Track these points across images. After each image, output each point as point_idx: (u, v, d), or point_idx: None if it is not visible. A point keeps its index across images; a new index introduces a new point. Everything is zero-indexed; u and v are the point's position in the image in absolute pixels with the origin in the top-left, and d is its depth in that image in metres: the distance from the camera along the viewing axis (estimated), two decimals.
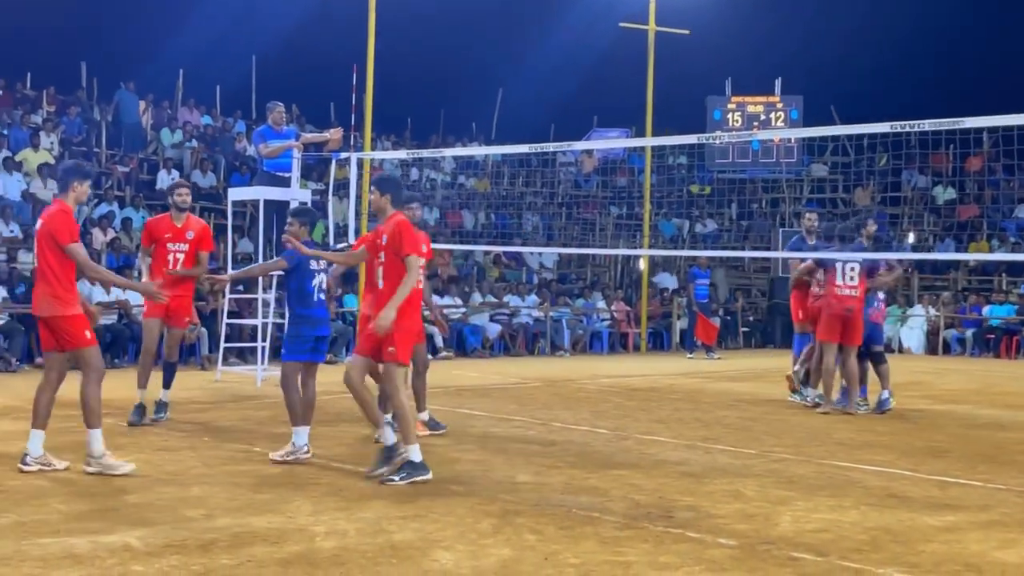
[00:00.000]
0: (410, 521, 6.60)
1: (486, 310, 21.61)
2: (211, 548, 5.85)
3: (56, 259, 7.77)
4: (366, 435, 9.93)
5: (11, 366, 15.24)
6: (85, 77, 25.43)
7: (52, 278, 7.81)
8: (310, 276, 8.67)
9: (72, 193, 7.97)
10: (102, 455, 7.87)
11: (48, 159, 20.89)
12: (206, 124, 25.76)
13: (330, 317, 9.14)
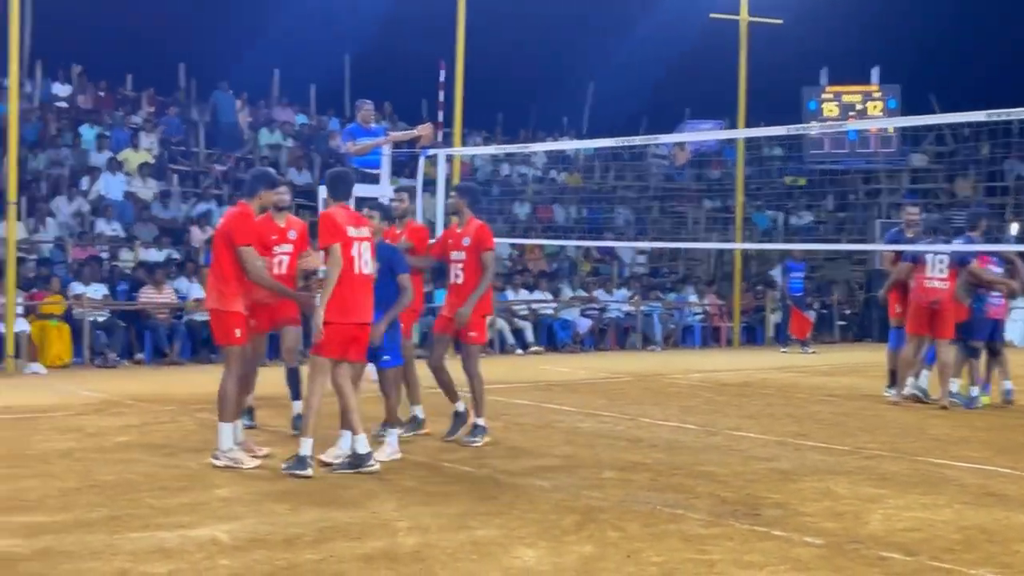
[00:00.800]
0: (493, 517, 6.61)
1: (576, 305, 21.57)
2: (295, 543, 5.92)
3: (228, 257, 8.04)
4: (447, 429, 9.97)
5: (109, 362, 15.62)
6: (183, 78, 25.97)
7: (220, 274, 8.12)
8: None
9: (258, 200, 8.26)
10: (230, 449, 8.07)
11: (148, 159, 21.38)
12: (301, 123, 26.11)
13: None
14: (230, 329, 8.12)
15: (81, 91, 23.51)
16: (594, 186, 28.63)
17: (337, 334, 7.86)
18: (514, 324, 19.98)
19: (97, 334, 15.87)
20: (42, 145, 20.53)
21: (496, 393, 13.01)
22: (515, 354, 19.32)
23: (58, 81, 23.16)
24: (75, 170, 20.26)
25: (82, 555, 5.60)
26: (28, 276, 16.04)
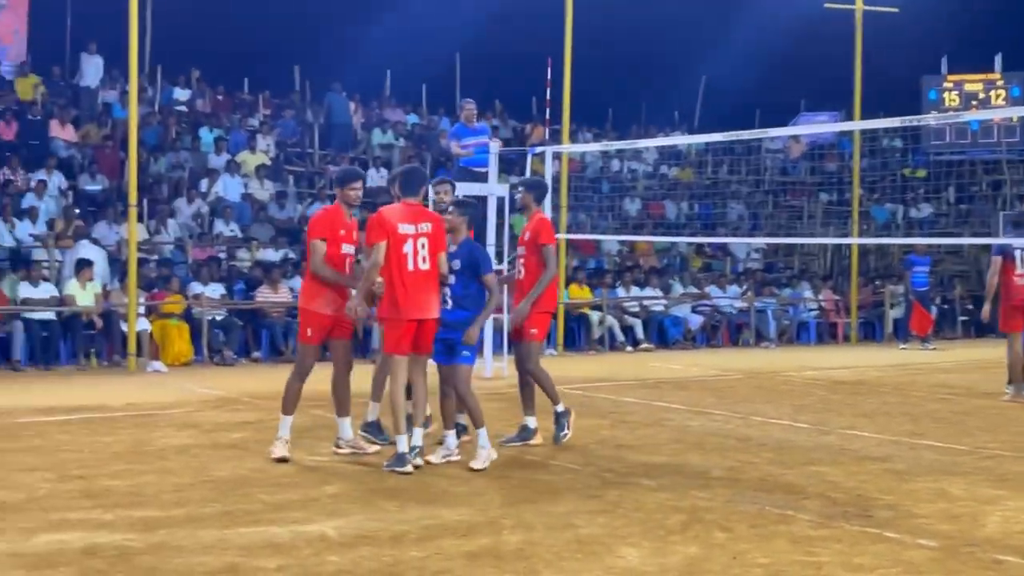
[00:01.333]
0: (597, 516, 6.59)
1: (687, 301, 21.37)
2: (401, 540, 5.99)
3: (309, 255, 8.36)
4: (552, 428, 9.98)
5: (227, 360, 15.99)
6: (298, 80, 26.44)
7: (305, 272, 8.56)
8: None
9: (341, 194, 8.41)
10: (351, 439, 8.44)
11: (265, 161, 21.82)
12: (412, 123, 26.38)
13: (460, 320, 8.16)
14: (303, 327, 8.45)
15: (200, 95, 24.08)
16: (706, 181, 28.31)
17: (395, 330, 7.93)
18: (624, 321, 19.88)
19: (215, 332, 16.27)
20: (162, 148, 21.10)
21: (604, 391, 13.01)
22: (625, 351, 19.22)
23: (178, 86, 23.77)
24: (195, 172, 20.78)
25: (194, 549, 5.74)
26: (149, 276, 16.51)
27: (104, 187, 19.40)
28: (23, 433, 9.34)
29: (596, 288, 20.12)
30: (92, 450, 8.66)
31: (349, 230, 8.39)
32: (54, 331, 15.07)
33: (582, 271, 20.77)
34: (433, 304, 7.99)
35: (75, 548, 5.71)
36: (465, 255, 8.15)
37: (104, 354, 15.41)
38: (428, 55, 25.83)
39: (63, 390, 12.56)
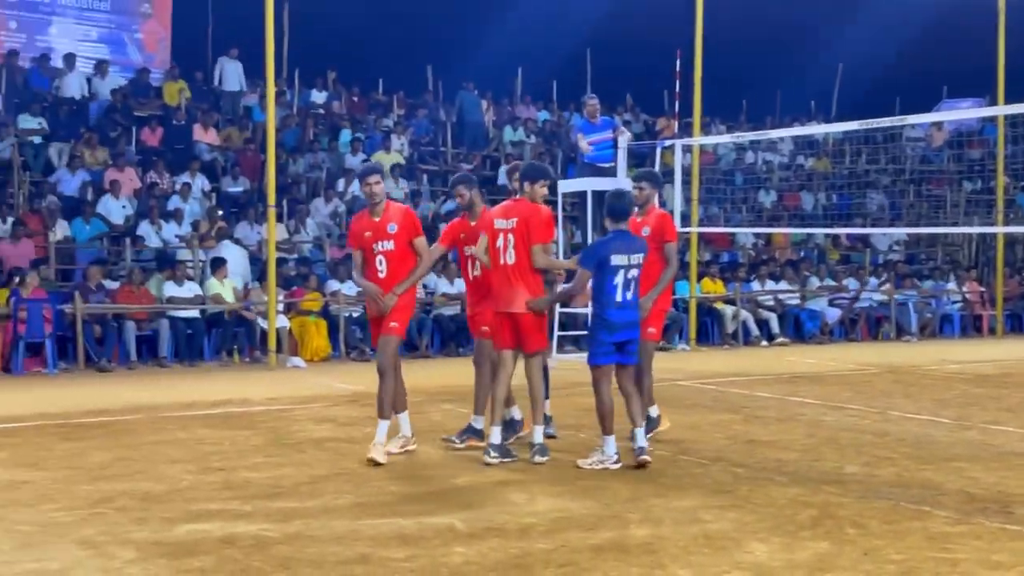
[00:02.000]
0: (727, 511, 6.54)
1: (824, 294, 20.96)
2: (529, 532, 6.04)
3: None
4: (685, 422, 9.93)
5: (364, 355, 16.30)
6: (431, 80, 26.77)
7: None
8: (611, 273, 7.81)
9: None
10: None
11: (399, 160, 22.15)
12: (543, 119, 26.45)
13: (636, 318, 8.01)
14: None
15: (336, 97, 24.58)
16: (844, 171, 27.70)
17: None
18: (758, 315, 19.60)
19: (352, 329, 16.60)
20: (301, 150, 21.60)
21: (737, 386, 12.87)
22: (759, 346, 18.95)
23: (315, 88, 24.31)
24: (332, 173, 21.22)
25: (327, 540, 5.90)
26: (288, 275, 16.95)
27: (245, 188, 19.97)
28: (168, 427, 9.69)
29: (730, 282, 19.89)
30: (232, 443, 8.95)
31: (376, 229, 8.14)
32: (198, 328, 15.60)
33: (715, 265, 20.55)
34: (517, 299, 7.95)
35: (214, 537, 5.92)
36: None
37: (246, 350, 15.89)
38: (558, 51, 25.86)
39: (206, 385, 12.98)
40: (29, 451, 8.57)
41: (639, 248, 7.97)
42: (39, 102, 19.80)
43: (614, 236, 7.92)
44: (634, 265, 7.87)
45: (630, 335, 7.94)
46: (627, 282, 7.84)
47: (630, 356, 7.98)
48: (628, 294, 7.88)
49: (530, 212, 8.01)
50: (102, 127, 19.89)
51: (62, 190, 18.05)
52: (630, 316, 7.93)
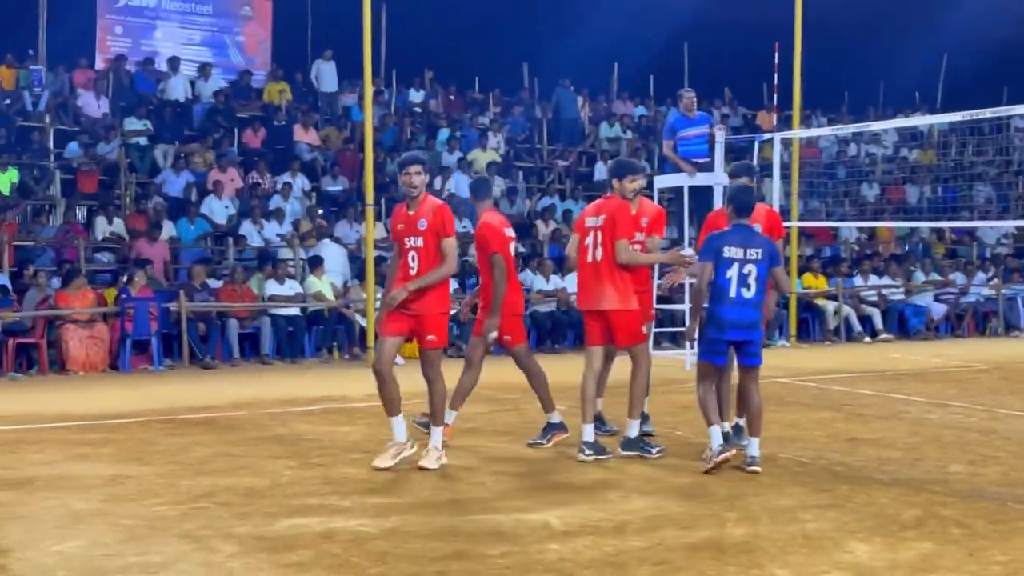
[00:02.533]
0: (826, 510, 6.44)
1: (930, 289, 20.48)
2: (624, 530, 6.01)
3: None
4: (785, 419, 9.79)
5: (461, 352, 16.36)
6: (527, 77, 26.79)
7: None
8: (723, 266, 7.52)
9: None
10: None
11: (495, 158, 22.22)
12: (640, 115, 26.30)
13: (755, 318, 7.55)
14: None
15: (433, 96, 24.75)
16: (950, 163, 27.05)
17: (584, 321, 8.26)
18: (861, 311, 19.24)
19: (450, 326, 16.68)
20: (398, 149, 21.79)
21: (839, 383, 12.66)
22: (862, 342, 18.60)
23: (412, 87, 24.50)
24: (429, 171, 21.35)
25: (424, 535, 5.94)
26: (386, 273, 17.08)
27: (344, 188, 20.21)
28: (269, 423, 9.86)
29: (831, 277, 19.56)
30: (332, 439, 9.07)
31: (408, 223, 7.86)
32: (299, 326, 15.84)
33: (816, 260, 20.23)
34: (605, 296, 7.90)
35: (313, 532, 6.00)
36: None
37: (345, 348, 16.09)
38: (654, 45, 25.64)
39: (306, 382, 13.17)
40: (134, 446, 8.79)
41: (758, 243, 7.56)
42: (145, 105, 20.31)
43: (732, 229, 7.64)
44: (751, 260, 7.45)
45: (746, 335, 7.54)
46: (742, 277, 7.45)
47: (749, 357, 7.61)
48: (744, 291, 7.48)
49: (616, 208, 7.98)
50: (205, 129, 20.31)
51: (167, 191, 18.47)
52: (746, 315, 7.50)
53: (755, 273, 7.46)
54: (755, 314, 7.52)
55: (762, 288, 7.52)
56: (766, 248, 7.58)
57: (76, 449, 8.67)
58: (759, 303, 7.55)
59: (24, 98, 19.90)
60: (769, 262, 7.52)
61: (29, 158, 18.60)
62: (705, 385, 7.70)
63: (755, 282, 7.47)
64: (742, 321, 7.49)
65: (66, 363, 14.28)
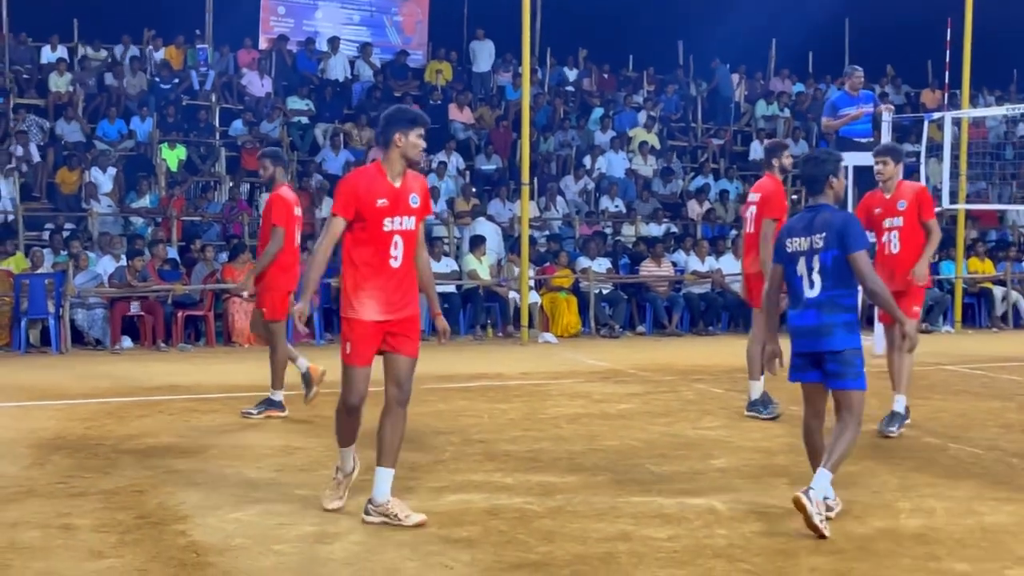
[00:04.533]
0: (1004, 503, 6.21)
1: None
2: (793, 518, 5.89)
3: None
4: (954, 408, 9.48)
5: (615, 332, 16.34)
6: (682, 55, 26.46)
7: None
8: (788, 263, 5.99)
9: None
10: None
11: (650, 139, 22.03)
12: (797, 92, 25.73)
13: (827, 322, 5.78)
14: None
15: (587, 74, 24.66)
16: None
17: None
18: None
19: (602, 306, 16.67)
20: (551, 128, 21.81)
21: (1009, 371, 12.22)
22: None
23: (566, 66, 24.46)
24: (580, 150, 21.33)
25: (588, 515, 5.94)
26: (540, 251, 17.18)
27: (498, 167, 20.33)
28: (429, 398, 9.98)
29: (1000, 262, 18.85)
30: (491, 416, 9.15)
31: (395, 198, 5.88)
32: (454, 303, 16.00)
33: (983, 243, 19.52)
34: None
35: (479, 508, 6.06)
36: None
37: (499, 325, 16.21)
38: (814, 21, 25.00)
39: (463, 359, 13.31)
40: (302, 418, 9.01)
41: (824, 226, 5.81)
42: (306, 84, 20.77)
43: (803, 213, 6.03)
44: (818, 249, 5.80)
45: (819, 345, 5.78)
46: (811, 272, 5.84)
47: (834, 379, 5.78)
48: (809, 289, 5.85)
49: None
50: (364, 108, 20.66)
51: (327, 168, 18.87)
52: (817, 319, 5.80)
53: (829, 265, 5.80)
54: (833, 317, 5.77)
55: (835, 284, 5.79)
56: (834, 230, 5.80)
57: (246, 419, 8.95)
58: (830, 303, 5.79)
59: (191, 77, 20.59)
60: (840, 248, 5.77)
61: (196, 136, 19.25)
62: (806, 414, 6.05)
63: (831, 276, 5.79)
64: (813, 327, 5.81)
65: (232, 335, 14.76)
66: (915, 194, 8.46)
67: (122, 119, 18.93)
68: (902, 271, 8.35)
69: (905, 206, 8.38)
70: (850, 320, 5.80)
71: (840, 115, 13.78)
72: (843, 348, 5.72)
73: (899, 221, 8.42)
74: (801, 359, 5.90)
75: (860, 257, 5.74)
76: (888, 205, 8.48)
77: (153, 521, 5.82)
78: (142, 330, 14.52)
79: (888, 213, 8.47)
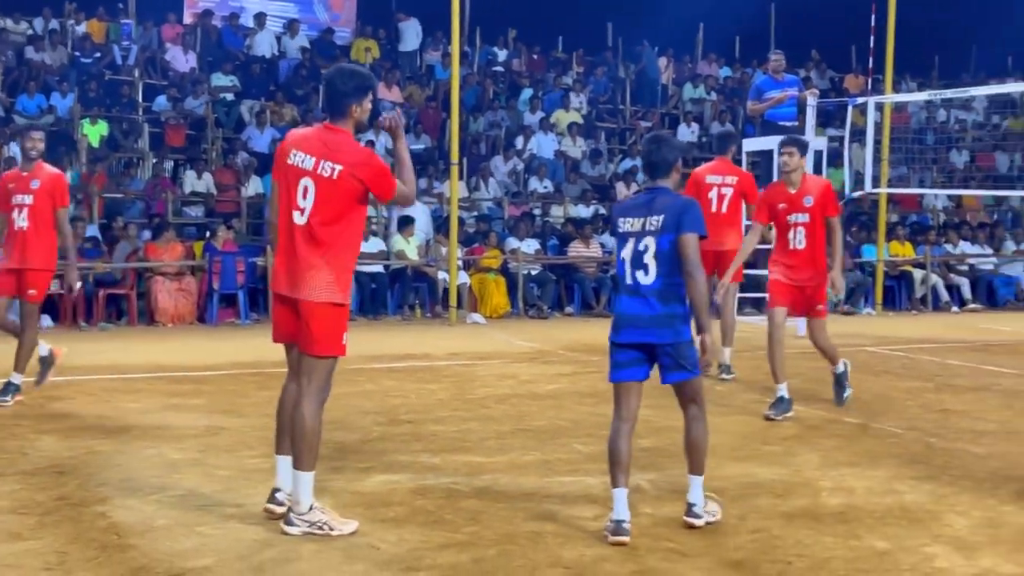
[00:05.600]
0: (923, 482, 6.34)
1: (1020, 259, 20.03)
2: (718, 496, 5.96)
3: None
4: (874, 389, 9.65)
5: (543, 313, 16.39)
6: (611, 37, 26.53)
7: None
8: (620, 244, 5.53)
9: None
10: None
11: (577, 119, 22.09)
12: (725, 76, 25.95)
13: (665, 313, 5.34)
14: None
15: (516, 55, 24.62)
16: None
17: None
18: (949, 280, 18.87)
19: (530, 287, 16.70)
20: (480, 108, 21.75)
21: (927, 352, 12.45)
22: (950, 312, 18.26)
23: (495, 46, 24.40)
24: (510, 131, 21.31)
25: (516, 495, 5.96)
26: (468, 232, 17.15)
27: (427, 146, 20.24)
28: (356, 378, 9.93)
29: (919, 245, 19.21)
30: (418, 396, 9.13)
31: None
32: (382, 283, 15.93)
33: (903, 227, 19.88)
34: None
35: (406, 488, 6.05)
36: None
37: (427, 306, 16.17)
38: (741, 7, 25.23)
39: (390, 339, 13.26)
40: (225, 398, 8.93)
41: (663, 208, 5.37)
42: (231, 60, 20.49)
43: (641, 194, 5.60)
44: (651, 232, 5.36)
45: (647, 336, 5.37)
46: (637, 256, 5.39)
47: (673, 371, 5.41)
48: (642, 275, 5.39)
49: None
50: (290, 85, 20.43)
51: (252, 146, 18.63)
52: (644, 308, 5.37)
53: (656, 251, 5.36)
54: (659, 307, 5.35)
55: (671, 270, 5.36)
56: (674, 213, 5.36)
57: (169, 399, 8.84)
58: (667, 292, 5.38)
59: (114, 52, 20.22)
60: (677, 232, 5.33)
61: (118, 111, 18.89)
62: (615, 421, 5.56)
63: (657, 264, 5.35)
64: (640, 316, 5.38)
65: (155, 315, 14.57)
66: (821, 190, 8.33)
67: (42, 94, 18.51)
68: (806, 267, 8.31)
69: (812, 202, 8.25)
70: (686, 312, 5.40)
71: (765, 99, 13.97)
72: (680, 341, 5.35)
73: (805, 217, 8.26)
74: (628, 353, 5.42)
75: (691, 240, 5.29)
76: (794, 200, 8.30)
77: (73, 503, 5.72)
78: (62, 309, 14.25)
79: (793, 208, 8.29)
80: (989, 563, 4.95)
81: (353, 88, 5.27)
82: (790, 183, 8.33)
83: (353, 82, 5.28)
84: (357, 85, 5.28)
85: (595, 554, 5.02)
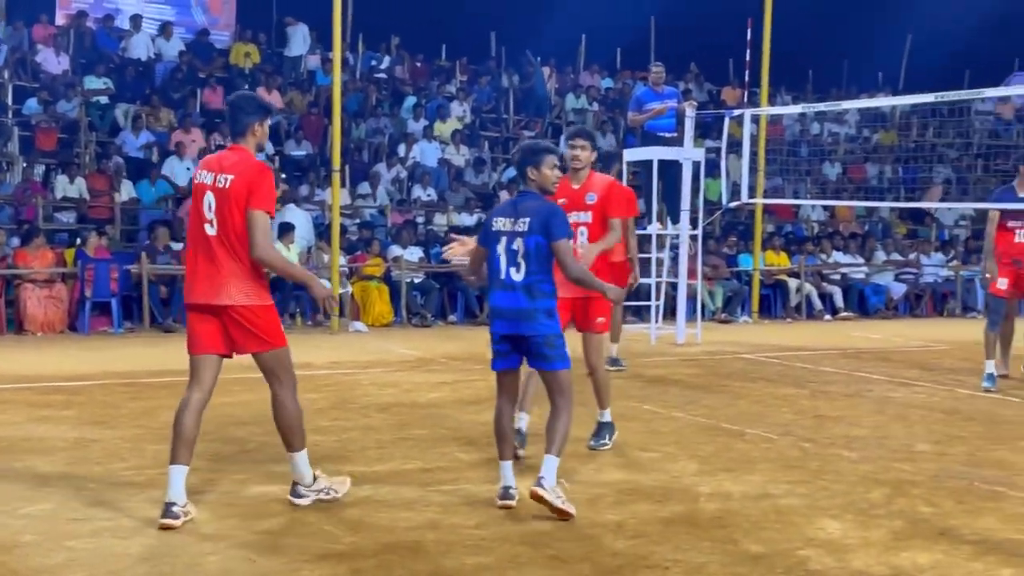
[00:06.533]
0: (797, 487, 6.46)
1: (890, 269, 20.66)
2: (597, 503, 6.01)
3: None
4: (751, 396, 9.83)
5: (426, 321, 16.33)
6: (495, 46, 26.63)
7: None
8: (493, 242, 6.00)
9: None
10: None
11: (460, 127, 22.09)
12: (606, 87, 26.25)
13: (532, 307, 5.84)
14: None
15: (399, 62, 24.55)
16: (911, 144, 27.24)
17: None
18: (822, 288, 19.38)
19: (413, 295, 16.63)
20: (363, 115, 21.62)
21: (802, 360, 12.74)
22: (823, 320, 18.75)
23: (378, 53, 24.29)
24: (394, 138, 21.22)
25: (396, 505, 5.90)
26: (351, 239, 17.00)
27: (308, 152, 20.02)
28: (234, 388, 9.70)
29: (794, 255, 19.68)
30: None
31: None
32: None
33: (779, 237, 20.34)
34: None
35: (284, 499, 5.94)
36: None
37: (308, 314, 15.97)
38: (622, 19, 25.59)
39: None
40: (97, 409, 8.68)
41: (529, 212, 5.87)
42: (105, 63, 20.00)
43: (511, 199, 6.14)
44: (520, 233, 5.84)
45: (523, 328, 5.86)
46: (511, 254, 5.88)
47: (541, 361, 5.91)
48: (515, 272, 5.88)
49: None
50: (166, 89, 20.02)
51: (127, 151, 18.21)
52: (515, 302, 5.86)
53: (523, 250, 5.85)
54: (529, 302, 5.84)
55: (538, 268, 5.85)
56: (540, 217, 5.84)
57: (38, 411, 8.55)
58: (535, 288, 5.85)
59: None
60: (544, 235, 5.82)
61: None
62: (498, 406, 6.08)
63: (527, 262, 5.84)
64: (515, 309, 5.86)
65: (24, 323, 14.10)
66: (605, 188, 7.52)
67: None
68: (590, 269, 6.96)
69: (595, 199, 7.46)
70: (551, 307, 5.91)
71: (645, 110, 14.17)
72: (548, 333, 5.85)
73: (587, 216, 7.47)
74: (504, 344, 5.95)
75: (562, 245, 5.85)
76: (576, 197, 7.44)
77: None
78: None
79: (574, 206, 7.38)
80: (861, 565, 5.06)
81: (254, 108, 5.81)
82: (575, 180, 7.48)
83: (253, 104, 5.86)
84: (258, 106, 5.87)
85: (476, 563, 5.00)
